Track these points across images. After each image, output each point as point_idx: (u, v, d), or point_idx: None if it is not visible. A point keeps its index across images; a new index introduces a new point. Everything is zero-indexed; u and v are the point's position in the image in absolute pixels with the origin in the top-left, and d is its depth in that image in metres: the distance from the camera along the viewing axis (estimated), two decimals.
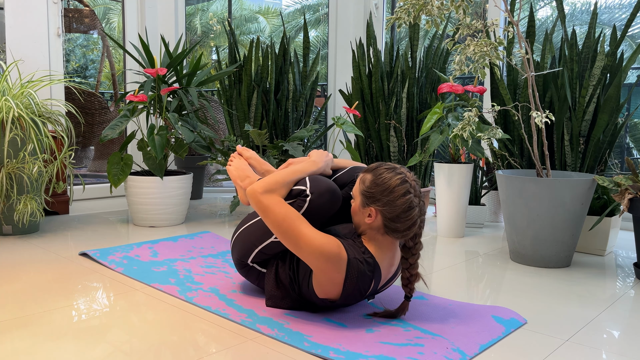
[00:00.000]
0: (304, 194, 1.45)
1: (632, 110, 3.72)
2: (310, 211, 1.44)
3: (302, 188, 1.46)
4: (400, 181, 1.33)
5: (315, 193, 1.44)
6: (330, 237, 1.34)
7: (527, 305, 1.58)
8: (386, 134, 3.03)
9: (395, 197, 1.32)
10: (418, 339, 1.29)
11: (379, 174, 1.35)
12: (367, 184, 1.37)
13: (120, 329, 1.34)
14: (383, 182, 1.34)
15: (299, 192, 1.47)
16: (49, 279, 1.74)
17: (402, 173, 1.35)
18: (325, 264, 1.31)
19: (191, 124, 2.61)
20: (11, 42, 2.64)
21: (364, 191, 1.37)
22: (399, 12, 2.01)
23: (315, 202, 1.44)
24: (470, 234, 2.54)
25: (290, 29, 15.33)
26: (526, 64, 1.95)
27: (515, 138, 2.53)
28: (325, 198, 1.45)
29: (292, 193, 1.47)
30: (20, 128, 2.24)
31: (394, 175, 1.34)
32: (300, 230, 1.32)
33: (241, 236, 1.57)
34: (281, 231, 1.33)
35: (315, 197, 1.44)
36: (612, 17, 12.35)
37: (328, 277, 1.33)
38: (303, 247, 1.31)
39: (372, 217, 1.35)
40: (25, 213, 2.26)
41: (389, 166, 1.37)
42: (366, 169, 1.41)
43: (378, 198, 1.34)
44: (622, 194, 1.85)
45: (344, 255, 1.32)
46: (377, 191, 1.34)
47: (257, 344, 1.27)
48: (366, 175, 1.38)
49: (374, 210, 1.35)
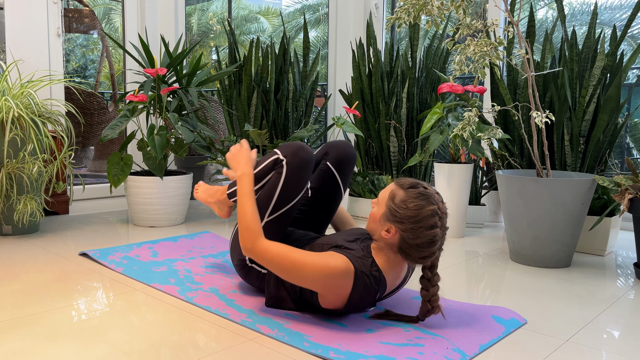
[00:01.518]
0: (279, 161, 1.48)
1: (632, 110, 3.72)
2: (291, 175, 1.45)
3: (274, 158, 1.48)
4: (431, 213, 1.28)
5: (289, 155, 1.46)
6: (331, 254, 1.31)
7: (527, 305, 1.58)
8: (386, 134, 3.03)
9: (421, 228, 1.27)
10: (418, 339, 1.29)
11: (412, 198, 1.29)
12: (396, 202, 1.30)
13: (120, 329, 1.34)
14: (414, 208, 1.28)
15: (273, 162, 1.48)
16: (49, 279, 1.74)
17: (436, 204, 1.29)
18: (333, 281, 1.28)
19: (191, 124, 2.61)
20: (11, 42, 2.64)
21: (391, 207, 1.31)
22: (399, 12, 2.01)
23: (293, 162, 1.46)
24: (470, 234, 2.54)
25: (290, 29, 15.33)
26: (526, 64, 1.95)
27: (515, 138, 2.53)
28: (301, 155, 1.46)
29: (266, 167, 1.49)
30: (20, 128, 2.24)
31: (427, 204, 1.28)
32: (301, 259, 1.29)
33: (235, 236, 1.58)
34: (285, 269, 1.31)
35: (291, 158, 1.46)
36: (612, 17, 12.35)
37: (335, 292, 1.31)
38: (310, 273, 1.28)
39: (390, 234, 1.31)
40: (25, 213, 2.26)
41: (424, 192, 1.30)
42: (400, 182, 1.34)
43: (403, 222, 1.29)
44: (622, 194, 1.85)
45: (351, 268, 1.29)
46: (405, 215, 1.28)
47: (257, 344, 1.27)
48: (398, 191, 1.32)
49: (395, 229, 1.30)
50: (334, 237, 1.46)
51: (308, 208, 1.64)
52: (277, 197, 1.47)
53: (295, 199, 1.48)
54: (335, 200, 1.66)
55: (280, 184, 1.46)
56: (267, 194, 1.48)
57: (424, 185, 1.32)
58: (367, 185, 2.78)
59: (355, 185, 2.83)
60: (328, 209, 1.66)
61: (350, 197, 2.85)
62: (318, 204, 1.64)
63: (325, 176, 1.63)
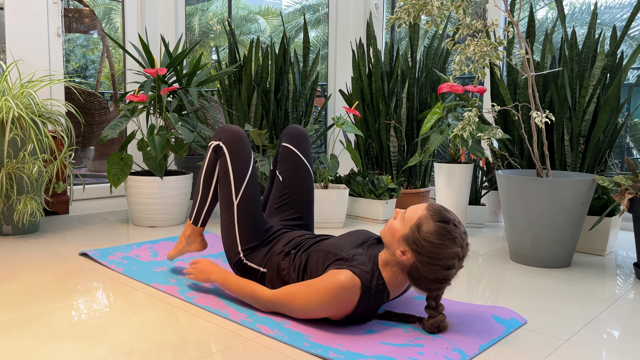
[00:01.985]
0: (217, 147, 1.60)
1: (632, 110, 3.72)
2: (233, 149, 1.57)
3: (212, 147, 1.61)
4: (454, 255, 1.24)
5: (221, 136, 1.60)
6: (334, 275, 1.29)
7: (527, 305, 1.58)
8: (386, 134, 3.03)
9: (438, 265, 1.25)
10: (418, 339, 1.29)
11: (439, 235, 1.24)
12: (422, 232, 1.25)
13: (120, 329, 1.34)
14: (438, 245, 1.24)
15: (213, 152, 1.61)
16: (49, 279, 1.74)
17: (462, 247, 1.26)
18: (342, 300, 1.28)
19: (191, 124, 2.61)
20: (11, 42, 2.64)
21: (415, 235, 1.26)
22: (399, 12, 2.01)
23: (228, 139, 1.59)
24: (470, 234, 2.54)
25: (290, 29, 15.33)
26: (526, 64, 1.95)
27: (515, 138, 2.53)
28: (230, 129, 1.61)
29: (210, 159, 1.61)
30: (20, 128, 2.24)
31: (452, 246, 1.24)
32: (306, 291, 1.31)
33: (223, 233, 1.62)
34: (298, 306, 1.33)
35: (225, 137, 1.59)
36: (612, 17, 12.35)
37: (342, 308, 1.30)
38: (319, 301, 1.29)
39: (405, 257, 1.28)
40: (25, 213, 2.26)
41: (453, 232, 1.25)
42: (433, 210, 1.27)
43: (423, 253, 1.25)
44: (622, 194, 1.85)
45: (358, 283, 1.28)
46: (426, 249, 1.24)
47: (257, 344, 1.27)
48: (427, 221, 1.26)
49: (411, 255, 1.27)
50: (338, 243, 1.42)
51: (287, 192, 1.71)
52: (233, 174, 1.57)
53: (250, 168, 1.60)
54: (305, 176, 1.73)
55: (229, 162, 1.58)
56: (224, 178, 1.59)
57: (455, 222, 1.27)
58: (367, 185, 2.78)
59: (355, 185, 2.83)
60: (304, 188, 1.72)
61: (351, 197, 2.85)
62: (293, 186, 1.71)
63: (287, 157, 1.73)
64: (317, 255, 1.42)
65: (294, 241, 1.54)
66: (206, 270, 1.55)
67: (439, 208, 1.28)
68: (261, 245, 1.57)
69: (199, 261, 1.59)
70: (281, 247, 1.53)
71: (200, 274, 1.55)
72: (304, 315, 1.34)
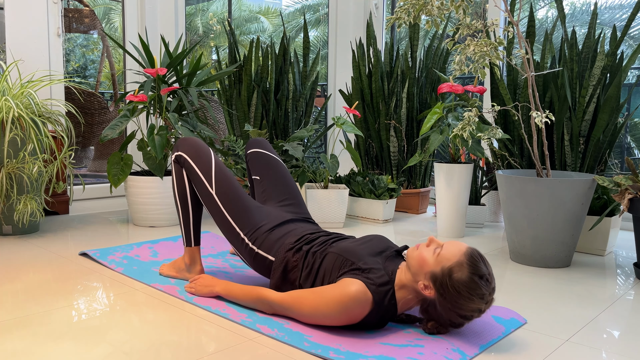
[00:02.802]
0: (178, 158, 1.65)
1: (632, 110, 3.72)
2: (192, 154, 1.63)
3: (173, 160, 1.66)
4: (476, 310, 1.23)
5: (179, 148, 1.65)
6: (347, 284, 1.27)
7: (527, 305, 1.58)
8: (386, 134, 3.03)
9: (457, 313, 1.24)
10: (418, 340, 1.29)
11: (469, 289, 1.20)
12: (452, 279, 1.21)
13: (120, 329, 1.34)
14: (465, 297, 1.21)
15: (177, 164, 1.65)
16: (49, 279, 1.74)
17: (487, 303, 1.23)
18: (351, 313, 1.27)
19: (191, 124, 2.61)
20: (11, 42, 2.64)
21: (444, 279, 1.22)
22: (399, 12, 2.01)
23: (184, 147, 1.65)
24: (470, 234, 2.54)
25: (290, 29, 15.34)
26: (526, 64, 1.95)
27: (515, 138, 2.53)
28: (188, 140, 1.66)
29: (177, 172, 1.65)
30: (20, 128, 2.24)
31: (478, 302, 1.21)
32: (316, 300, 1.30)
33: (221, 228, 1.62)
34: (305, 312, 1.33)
35: (182, 147, 1.64)
36: (612, 17, 12.35)
37: (350, 318, 1.29)
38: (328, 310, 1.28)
39: (426, 292, 1.26)
40: (25, 213, 2.26)
41: (484, 289, 1.21)
42: (472, 260, 1.22)
43: (446, 297, 1.23)
44: (622, 194, 1.85)
45: (370, 298, 1.26)
46: (452, 296, 1.22)
47: (257, 344, 1.27)
48: (462, 269, 1.21)
49: (434, 294, 1.25)
50: (356, 250, 1.38)
51: (267, 184, 1.75)
52: (199, 170, 1.62)
53: (212, 158, 1.64)
54: (278, 165, 1.79)
55: (192, 162, 1.63)
56: (194, 178, 1.63)
57: (489, 277, 1.23)
58: (367, 185, 2.78)
59: (355, 185, 2.83)
60: (281, 174, 1.77)
61: (351, 197, 2.85)
62: (270, 177, 1.76)
63: (254, 158, 1.82)
64: (333, 259, 1.39)
65: (307, 237, 1.51)
66: (209, 284, 1.57)
67: (477, 258, 1.23)
68: (267, 230, 1.56)
69: (201, 277, 1.61)
70: (292, 241, 1.50)
71: (203, 288, 1.57)
72: (310, 321, 1.34)
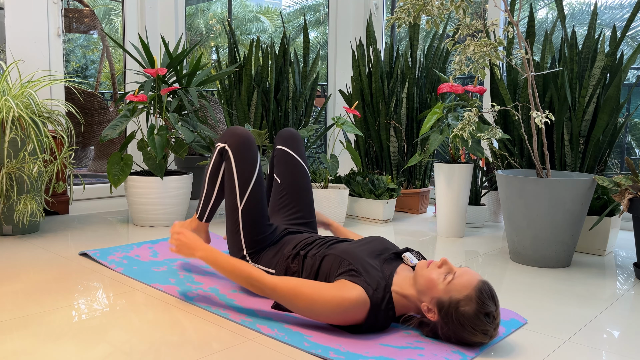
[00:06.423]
0: (222, 150, 1.57)
1: (632, 110, 3.72)
2: (239, 153, 1.53)
3: (217, 149, 1.57)
4: (477, 342, 1.23)
5: (227, 139, 1.57)
6: (345, 285, 1.27)
7: (527, 305, 1.58)
8: (386, 134, 3.03)
9: (456, 340, 1.24)
10: (418, 342, 1.29)
11: (474, 325, 1.20)
12: (459, 310, 1.20)
13: (120, 329, 1.34)
14: (468, 331, 1.21)
15: (219, 154, 1.58)
16: (49, 279, 1.74)
17: (488, 339, 1.22)
18: (348, 314, 1.27)
19: (191, 124, 2.61)
20: (11, 42, 2.64)
21: (450, 309, 1.21)
22: (399, 12, 2.01)
23: (234, 142, 1.55)
24: (470, 234, 2.54)
25: (290, 29, 15.34)
26: (526, 64, 1.95)
27: (515, 138, 2.53)
28: (237, 132, 1.57)
29: (215, 162, 1.58)
30: (20, 128, 2.24)
31: (481, 337, 1.21)
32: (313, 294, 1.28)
33: (228, 235, 1.61)
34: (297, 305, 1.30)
35: (230, 140, 1.56)
36: (612, 17, 12.35)
37: (347, 320, 1.29)
38: (324, 308, 1.27)
39: (429, 314, 1.27)
40: (25, 213, 2.26)
41: (490, 325, 1.20)
42: (481, 294, 1.20)
43: (449, 326, 1.23)
44: (622, 194, 1.85)
45: (368, 302, 1.26)
46: (455, 326, 1.22)
47: (257, 344, 1.27)
48: (471, 304, 1.19)
49: (436, 319, 1.25)
50: (354, 251, 1.39)
51: (286, 193, 1.71)
52: (238, 179, 1.55)
53: (255, 172, 1.56)
54: (303, 176, 1.73)
55: (234, 166, 1.56)
56: (229, 183, 1.57)
57: (495, 314, 1.21)
58: (367, 185, 2.78)
59: (355, 185, 2.83)
60: (303, 187, 1.72)
61: (351, 197, 2.85)
62: (291, 187, 1.71)
63: (282, 158, 1.74)
64: (331, 260, 1.39)
65: (303, 242, 1.52)
66: (191, 245, 1.44)
67: (487, 294, 1.21)
68: (267, 247, 1.57)
69: (183, 232, 1.47)
70: (290, 249, 1.51)
71: (183, 247, 1.45)
72: (302, 314, 1.32)
